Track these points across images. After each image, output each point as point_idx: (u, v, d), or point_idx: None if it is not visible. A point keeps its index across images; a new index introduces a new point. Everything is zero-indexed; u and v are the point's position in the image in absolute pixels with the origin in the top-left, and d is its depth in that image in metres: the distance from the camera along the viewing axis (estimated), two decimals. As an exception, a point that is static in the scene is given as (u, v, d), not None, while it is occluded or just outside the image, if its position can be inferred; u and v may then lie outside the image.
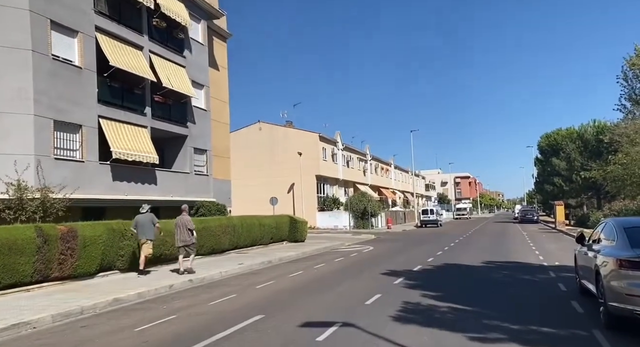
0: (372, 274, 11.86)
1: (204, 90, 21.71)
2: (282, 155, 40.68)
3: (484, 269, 12.46)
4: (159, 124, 18.39)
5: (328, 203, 41.45)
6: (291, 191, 40.59)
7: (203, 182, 21.18)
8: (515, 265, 13.24)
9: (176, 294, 9.97)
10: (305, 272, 12.88)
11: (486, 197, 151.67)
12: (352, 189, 48.61)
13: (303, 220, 24.52)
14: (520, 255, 15.88)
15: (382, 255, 17.33)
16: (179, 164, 20.11)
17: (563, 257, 15.05)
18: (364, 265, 14.13)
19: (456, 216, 73.39)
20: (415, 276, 11.35)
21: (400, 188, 69.06)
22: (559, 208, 34.94)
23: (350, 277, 11.54)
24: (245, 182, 40.65)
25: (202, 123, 21.20)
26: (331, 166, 43.32)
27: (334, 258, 16.47)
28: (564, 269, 11.95)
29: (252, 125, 42.13)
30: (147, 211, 12.05)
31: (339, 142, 45.41)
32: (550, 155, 49.82)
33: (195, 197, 20.14)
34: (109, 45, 15.69)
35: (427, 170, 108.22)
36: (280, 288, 10.13)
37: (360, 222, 39.59)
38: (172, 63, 19.23)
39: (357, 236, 30.61)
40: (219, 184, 23.88)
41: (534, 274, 11.27)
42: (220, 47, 24.75)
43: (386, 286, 9.86)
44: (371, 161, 55.98)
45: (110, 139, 15.35)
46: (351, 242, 24.71)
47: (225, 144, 25.27)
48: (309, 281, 11.09)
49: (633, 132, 24.97)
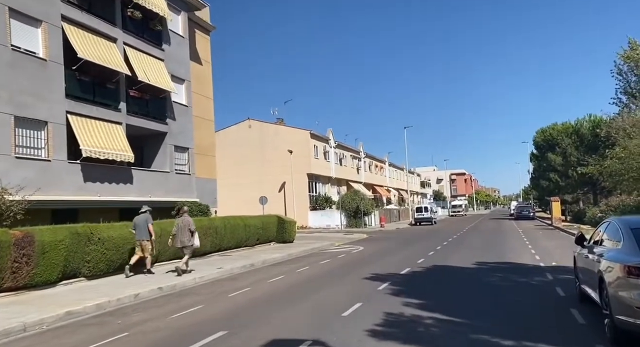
0: (357, 278, 11.03)
1: (185, 85, 20.78)
2: (272, 154, 39.79)
3: (476, 271, 11.66)
4: (136, 120, 17.46)
5: (320, 202, 40.62)
6: (282, 190, 39.73)
7: (185, 182, 20.28)
8: (510, 266, 12.45)
9: (140, 304, 9.10)
10: (287, 276, 12.04)
11: (482, 194, 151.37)
12: (345, 187, 47.79)
13: (291, 220, 23.67)
14: (516, 254, 15.10)
15: (371, 256, 16.52)
16: (158, 163, 19.20)
17: (560, 256, 14.28)
18: (350, 268, 13.30)
19: (452, 213, 72.72)
20: (402, 280, 10.53)
21: (395, 186, 68.31)
22: (555, 204, 34.27)
23: (332, 282, 10.71)
24: (235, 181, 39.76)
25: (183, 119, 20.28)
26: (323, 164, 42.47)
27: (320, 260, 15.64)
28: (561, 270, 11.16)
29: (242, 123, 41.21)
30: (145, 211, 12.33)
31: (331, 140, 44.55)
32: (546, 150, 49.16)
33: (176, 197, 19.24)
34: (78, 36, 14.74)
35: (423, 168, 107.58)
36: (254, 296, 9.27)
37: (353, 221, 38.79)
38: (150, 56, 18.29)
39: (348, 235, 29.79)
40: (203, 184, 22.97)
41: (530, 276, 10.47)
42: (203, 40, 23.82)
43: (369, 292, 9.02)
44: (365, 159, 55.17)
45: (79, 136, 14.42)
46: (341, 242, 23.90)
47: (210, 141, 24.37)
48: (288, 287, 10.25)
49: (630, 125, 24.27)
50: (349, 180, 48.79)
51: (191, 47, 22.07)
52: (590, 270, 6.57)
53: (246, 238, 19.71)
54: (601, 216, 30.63)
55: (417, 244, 21.44)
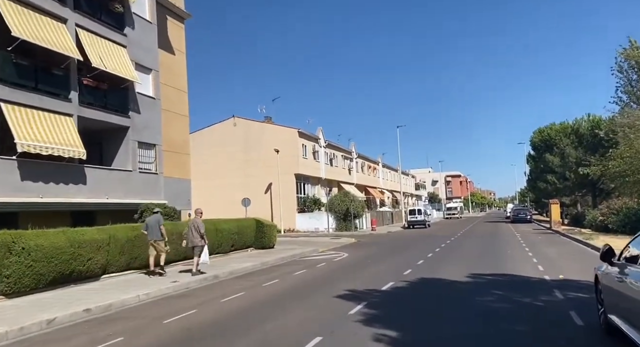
0: (327, 297, 9.19)
1: (152, 75, 18.90)
2: (259, 153, 37.94)
3: (470, 287, 9.84)
4: (91, 112, 15.56)
5: (309, 204, 38.78)
6: (269, 191, 37.88)
7: (150, 182, 18.38)
8: (510, 280, 10.65)
9: (44, 336, 7.19)
10: (247, 293, 10.18)
11: (477, 196, 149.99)
12: (336, 188, 45.98)
13: (271, 224, 21.81)
14: (515, 264, 13.31)
15: (353, 266, 14.68)
16: (120, 161, 17.31)
17: (567, 267, 12.51)
18: (325, 281, 11.46)
19: (446, 216, 71.11)
20: (381, 300, 8.70)
21: (389, 187, 66.57)
22: (554, 207, 32.60)
23: (296, 303, 8.86)
24: (219, 182, 37.89)
25: (149, 113, 18.39)
26: (312, 164, 40.64)
27: (294, 271, 13.79)
28: (572, 287, 9.38)
29: (226, 121, 39.32)
30: (157, 212, 12.89)
31: (320, 139, 42.74)
32: (544, 151, 47.58)
33: (140, 199, 17.35)
34: (14, 12, 12.83)
35: (418, 169, 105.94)
36: (190, 325, 7.40)
37: (342, 224, 36.96)
38: (108, 41, 16.39)
39: (335, 239, 27.97)
40: (175, 184, 21.09)
41: (535, 295, 8.67)
42: (176, 28, 21.95)
43: (336, 320, 7.19)
44: (357, 159, 53.38)
45: (14, 127, 12.51)
46: (326, 248, 22.06)
47: (183, 138, 22.50)
48: (240, 311, 8.39)
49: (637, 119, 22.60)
50: (340, 181, 46.99)
51: (161, 34, 20.21)
52: (629, 296, 4.78)
53: (218, 244, 17.82)
54: (602, 219, 29.02)
55: (406, 250, 19.64)
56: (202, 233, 12.53)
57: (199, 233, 12.51)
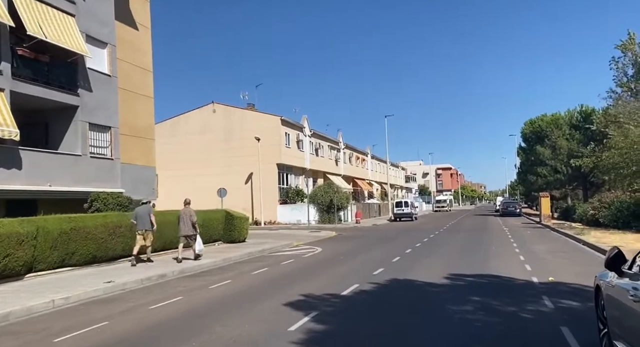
0: (276, 304, 7.69)
1: (108, 50, 17.10)
2: (239, 141, 36.23)
3: (445, 291, 8.39)
4: (28, 87, 13.76)
5: (291, 195, 37.21)
6: (249, 182, 36.26)
7: (105, 168, 16.69)
8: (493, 282, 9.23)
9: None
10: (186, 298, 8.65)
11: (468, 189, 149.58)
12: (322, 179, 44.45)
13: (242, 216, 20.23)
14: (500, 263, 11.92)
15: (322, 263, 13.19)
16: (68, 144, 15.59)
17: (557, 267, 11.14)
18: (283, 283, 9.96)
19: (436, 209, 69.98)
20: (335, 310, 7.21)
21: (378, 179, 65.18)
22: (544, 200, 31.37)
23: (235, 313, 7.34)
24: (196, 171, 36.17)
25: (103, 92, 16.63)
26: (296, 154, 39.01)
27: (255, 269, 12.28)
28: (563, 292, 7.97)
29: (205, 107, 37.48)
30: (147, 202, 13.25)
31: (305, 128, 41.07)
32: (535, 143, 46.37)
33: (91, 186, 15.69)
34: None
35: (409, 162, 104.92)
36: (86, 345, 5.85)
37: (325, 216, 35.49)
38: (52, 8, 14.55)
39: (315, 232, 26.51)
40: (137, 172, 19.41)
41: (521, 302, 7.24)
42: (139, 1, 20.07)
43: (271, 338, 5.69)
44: (344, 150, 51.84)
45: None
46: (302, 242, 20.59)
47: (148, 122, 20.75)
48: (160, 324, 6.86)
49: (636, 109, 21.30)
50: (326, 172, 45.47)
51: (121, 6, 18.37)
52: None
53: (178, 238, 16.26)
54: (593, 213, 27.84)
55: (386, 245, 18.21)
56: (194, 222, 13.04)
57: (192, 222, 13.02)
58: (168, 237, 14.83)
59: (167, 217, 14.84)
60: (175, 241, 13.83)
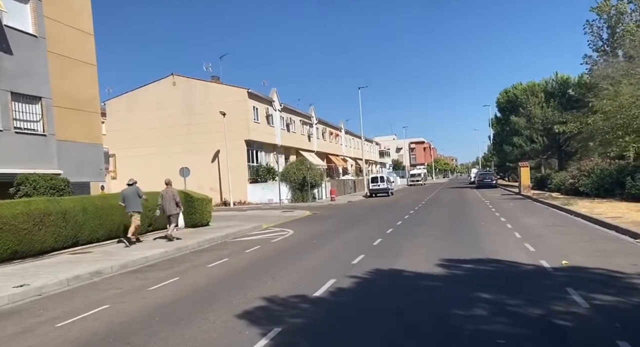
0: (226, 314, 5.83)
1: (32, 6, 14.35)
2: (203, 117, 33.60)
3: (445, 287, 6.70)
4: None
5: (262, 173, 35.09)
6: (216, 160, 33.90)
7: (35, 146, 14.25)
8: (497, 271, 7.62)
9: None
10: (111, 308, 6.69)
11: (440, 162, 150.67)
12: (294, 156, 42.40)
13: (204, 197, 18.13)
14: (496, 242, 10.39)
15: (292, 250, 11.36)
16: (-15, 119, 13.03)
17: (561, 245, 9.66)
18: (241, 280, 8.09)
19: (410, 183, 69.16)
20: (307, 321, 5.39)
21: (352, 155, 63.59)
22: (524, 170, 30.37)
23: (170, 331, 5.42)
24: (156, 149, 33.53)
25: (27, 55, 14.01)
26: (266, 129, 36.70)
27: (212, 260, 10.37)
28: (589, 282, 6.41)
29: (164, 80, 34.49)
30: (133, 184, 12.66)
31: (275, 101, 38.64)
32: (510, 112, 45.54)
33: (19, 167, 13.31)
34: None
35: (382, 137, 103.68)
36: None
37: (298, 195, 33.66)
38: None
39: (288, 212, 24.70)
40: (80, 150, 16.97)
41: (543, 300, 5.61)
42: (70, -49, 17.16)
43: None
44: (317, 125, 49.74)
45: None
46: (273, 224, 18.74)
47: (90, 93, 18.13)
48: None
49: (624, 71, 20.04)
50: (298, 148, 43.41)
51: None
52: None
53: (126, 225, 14.13)
54: (572, 182, 27.01)
55: (364, 224, 16.56)
56: (177, 201, 13.34)
57: (175, 201, 13.27)
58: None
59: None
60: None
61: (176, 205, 13.36)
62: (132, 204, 12.35)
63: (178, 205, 13.44)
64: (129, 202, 12.36)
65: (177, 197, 13.42)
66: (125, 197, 12.43)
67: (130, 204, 12.35)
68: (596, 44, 34.73)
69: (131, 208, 12.36)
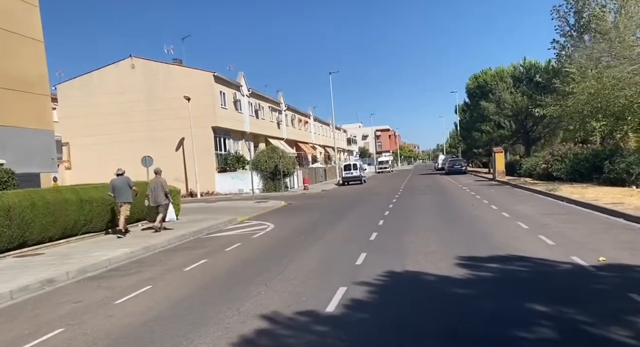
0: (221, 341, 4.50)
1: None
2: (166, 102, 31.35)
3: (481, 296, 5.59)
4: None
5: (230, 162, 33.30)
6: (181, 148, 31.83)
7: (-31, 133, 12.15)
8: (530, 271, 6.62)
9: None
10: (61, 339, 5.20)
11: (405, 150, 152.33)
12: (263, 144, 40.72)
13: (172, 188, 16.40)
14: (505, 235, 9.48)
15: (280, 247, 10.04)
16: None
17: (579, 236, 8.84)
18: (231, 286, 6.73)
19: (378, 170, 68.92)
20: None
21: (321, 143, 62.44)
22: (498, 156, 30.22)
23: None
24: (114, 137, 31.08)
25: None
26: (234, 116, 34.81)
27: (189, 261, 8.93)
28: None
29: (121, 62, 31.85)
30: (122, 174, 12.39)
31: (243, 86, 36.71)
32: (479, 98, 45.51)
33: (-51, 159, 11.19)
34: None
35: (349, 124, 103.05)
36: None
37: (270, 184, 32.19)
38: None
39: (262, 203, 23.29)
40: (26, 137, 14.89)
41: (614, 313, 4.63)
42: None
43: None
44: (286, 112, 48.12)
45: None
46: (248, 216, 17.34)
47: (37, 72, 15.93)
48: None
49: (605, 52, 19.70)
50: (267, 136, 41.74)
51: None
52: None
53: (84, 221, 12.41)
54: (546, 166, 26.96)
55: (349, 215, 15.45)
56: (166, 191, 13.01)
57: (164, 191, 12.92)
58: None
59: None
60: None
61: (165, 195, 13.00)
62: (122, 194, 12.10)
63: (167, 196, 13.12)
64: (119, 192, 12.08)
65: (166, 187, 13.08)
66: (115, 187, 12.12)
67: (121, 195, 12.09)
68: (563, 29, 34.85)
69: (121, 199, 12.09)
